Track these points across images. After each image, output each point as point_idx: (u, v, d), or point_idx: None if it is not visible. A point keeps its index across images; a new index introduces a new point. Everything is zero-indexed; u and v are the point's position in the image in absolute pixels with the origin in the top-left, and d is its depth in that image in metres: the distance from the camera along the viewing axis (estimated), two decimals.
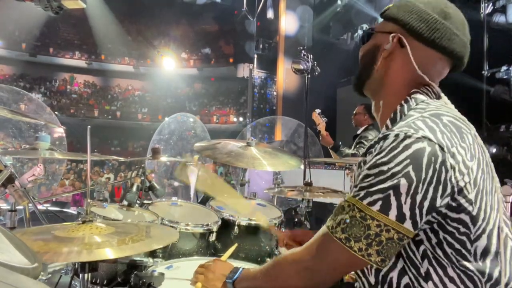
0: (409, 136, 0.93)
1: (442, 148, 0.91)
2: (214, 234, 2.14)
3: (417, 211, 0.91)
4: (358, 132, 4.17)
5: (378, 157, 0.95)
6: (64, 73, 26.50)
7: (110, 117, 25.22)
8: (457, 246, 0.95)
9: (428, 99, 1.07)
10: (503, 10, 5.48)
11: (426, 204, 0.91)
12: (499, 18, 5.39)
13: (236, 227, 2.18)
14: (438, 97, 1.12)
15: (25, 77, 25.37)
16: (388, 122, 1.09)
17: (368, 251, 0.93)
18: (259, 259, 2.17)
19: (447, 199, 0.93)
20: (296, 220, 2.60)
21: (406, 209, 0.91)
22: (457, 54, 1.07)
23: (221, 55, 25.71)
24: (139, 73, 26.31)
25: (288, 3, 11.29)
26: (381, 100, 1.14)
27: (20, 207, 1.89)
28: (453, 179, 0.92)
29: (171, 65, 25.08)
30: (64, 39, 25.62)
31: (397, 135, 0.95)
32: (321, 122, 3.92)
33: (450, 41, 1.05)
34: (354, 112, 4.29)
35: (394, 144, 0.94)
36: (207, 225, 2.11)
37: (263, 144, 2.56)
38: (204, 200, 2.49)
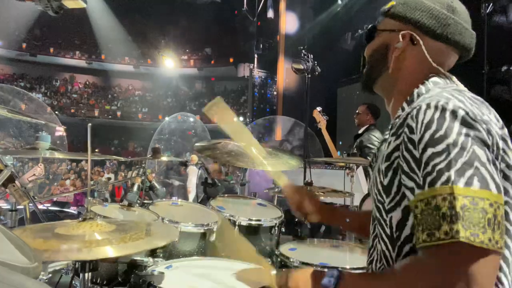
0: (446, 104, 0.90)
1: (475, 116, 0.90)
2: (214, 234, 2.14)
3: (498, 176, 0.87)
4: (360, 131, 4.17)
5: (430, 131, 0.88)
6: (64, 73, 26.51)
7: (110, 117, 25.22)
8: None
9: (445, 82, 1.08)
10: (503, 10, 5.47)
11: (500, 167, 0.90)
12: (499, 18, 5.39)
13: (236, 227, 2.18)
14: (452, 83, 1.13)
15: (25, 77, 25.37)
16: (405, 104, 1.07)
17: (496, 238, 0.81)
18: None
19: (502, 164, 0.92)
20: (296, 220, 2.60)
21: (497, 178, 0.86)
22: (467, 47, 1.09)
23: (221, 55, 25.69)
24: (140, 72, 26.31)
25: (288, 3, 11.28)
26: (394, 95, 1.14)
27: (21, 206, 1.89)
28: (495, 142, 0.91)
29: (171, 65, 25.08)
30: (64, 39, 25.61)
31: (433, 106, 0.91)
32: (322, 120, 3.93)
33: (462, 35, 1.07)
34: (357, 111, 4.29)
35: (437, 114, 0.89)
36: (207, 225, 2.11)
37: (264, 144, 2.56)
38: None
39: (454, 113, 0.89)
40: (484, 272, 0.81)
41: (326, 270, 1.03)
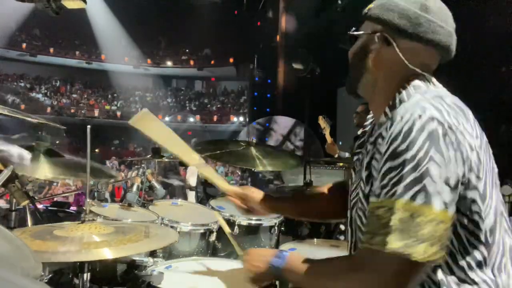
0: (419, 117, 0.93)
1: (450, 127, 0.92)
2: (214, 234, 2.14)
3: (452, 195, 0.90)
4: (359, 132, 4.16)
5: (394, 144, 0.93)
6: (64, 73, 26.51)
7: (110, 117, 25.23)
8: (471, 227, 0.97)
9: (426, 85, 1.08)
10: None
11: (456, 185, 0.92)
12: None
13: (236, 227, 2.19)
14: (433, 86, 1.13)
15: (25, 77, 25.38)
16: (387, 109, 1.08)
17: (432, 250, 0.88)
18: None
19: (465, 178, 0.94)
20: (296, 219, 2.60)
21: (446, 196, 0.89)
22: (443, 45, 1.08)
23: (221, 55, 25.70)
24: (140, 72, 26.32)
25: (288, 2, 11.28)
26: (375, 99, 1.15)
27: (21, 207, 1.88)
28: (465, 155, 0.93)
29: (171, 65, 25.09)
30: (64, 39, 25.62)
31: (406, 119, 0.94)
32: (326, 126, 3.93)
33: (435, 33, 1.06)
34: (356, 111, 4.29)
35: (406, 128, 0.93)
36: (207, 225, 2.11)
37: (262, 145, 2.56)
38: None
39: (423, 128, 0.91)
40: (406, 281, 0.91)
41: (276, 251, 1.18)
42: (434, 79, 1.11)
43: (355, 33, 1.18)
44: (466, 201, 0.95)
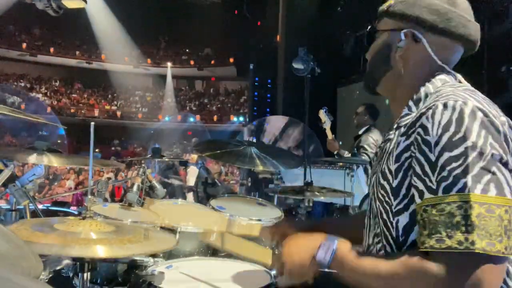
0: (465, 104, 0.88)
1: (494, 116, 0.89)
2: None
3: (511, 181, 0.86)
4: (360, 132, 4.17)
5: (447, 135, 0.86)
6: (64, 73, 26.51)
7: (110, 117, 25.24)
8: None
9: (451, 79, 1.05)
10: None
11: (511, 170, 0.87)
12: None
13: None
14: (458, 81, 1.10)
15: (25, 77, 25.38)
16: (411, 103, 1.04)
17: (510, 245, 0.80)
18: None
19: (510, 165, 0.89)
20: (296, 220, 2.60)
21: (510, 181, 0.84)
22: (473, 40, 1.06)
23: (221, 55, 25.70)
24: (140, 72, 26.32)
25: (288, 3, 11.28)
26: (399, 95, 1.11)
27: (21, 206, 1.89)
28: (510, 144, 0.90)
29: (171, 64, 25.09)
30: (64, 39, 25.62)
31: (451, 106, 0.88)
32: (326, 120, 3.90)
33: (465, 27, 1.03)
34: (356, 112, 4.29)
35: (456, 115, 0.87)
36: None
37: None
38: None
39: (473, 114, 0.86)
40: (494, 280, 0.82)
41: (322, 241, 1.00)
42: (459, 76, 1.08)
43: (381, 29, 1.12)
44: None
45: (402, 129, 0.99)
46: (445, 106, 0.88)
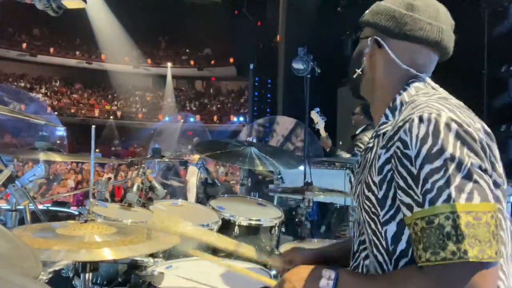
0: (439, 116, 0.91)
1: (468, 125, 0.91)
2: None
3: (493, 187, 0.89)
4: (357, 132, 4.18)
5: (425, 147, 0.88)
6: (64, 73, 26.52)
7: (110, 117, 25.25)
8: None
9: (425, 86, 1.09)
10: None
11: (491, 174, 0.91)
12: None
13: (236, 227, 2.18)
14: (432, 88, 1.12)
15: (25, 77, 25.38)
16: (388, 111, 1.09)
17: (500, 249, 0.83)
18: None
19: (489, 172, 0.92)
20: (296, 219, 2.60)
21: (492, 187, 0.88)
22: (431, 41, 1.08)
23: (221, 55, 25.71)
24: (140, 73, 26.33)
25: (288, 2, 11.28)
26: (375, 101, 1.18)
27: (21, 207, 1.88)
28: (486, 151, 0.92)
29: (171, 64, 25.09)
30: (64, 39, 25.63)
31: (426, 119, 0.91)
32: (319, 121, 3.93)
33: (422, 30, 1.06)
34: (353, 111, 4.30)
35: (432, 128, 0.89)
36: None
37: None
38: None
39: (447, 126, 0.89)
40: (489, 285, 0.84)
41: (323, 270, 1.02)
42: (432, 82, 1.12)
43: (360, 37, 1.21)
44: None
45: (381, 141, 1.02)
46: (420, 119, 0.91)
